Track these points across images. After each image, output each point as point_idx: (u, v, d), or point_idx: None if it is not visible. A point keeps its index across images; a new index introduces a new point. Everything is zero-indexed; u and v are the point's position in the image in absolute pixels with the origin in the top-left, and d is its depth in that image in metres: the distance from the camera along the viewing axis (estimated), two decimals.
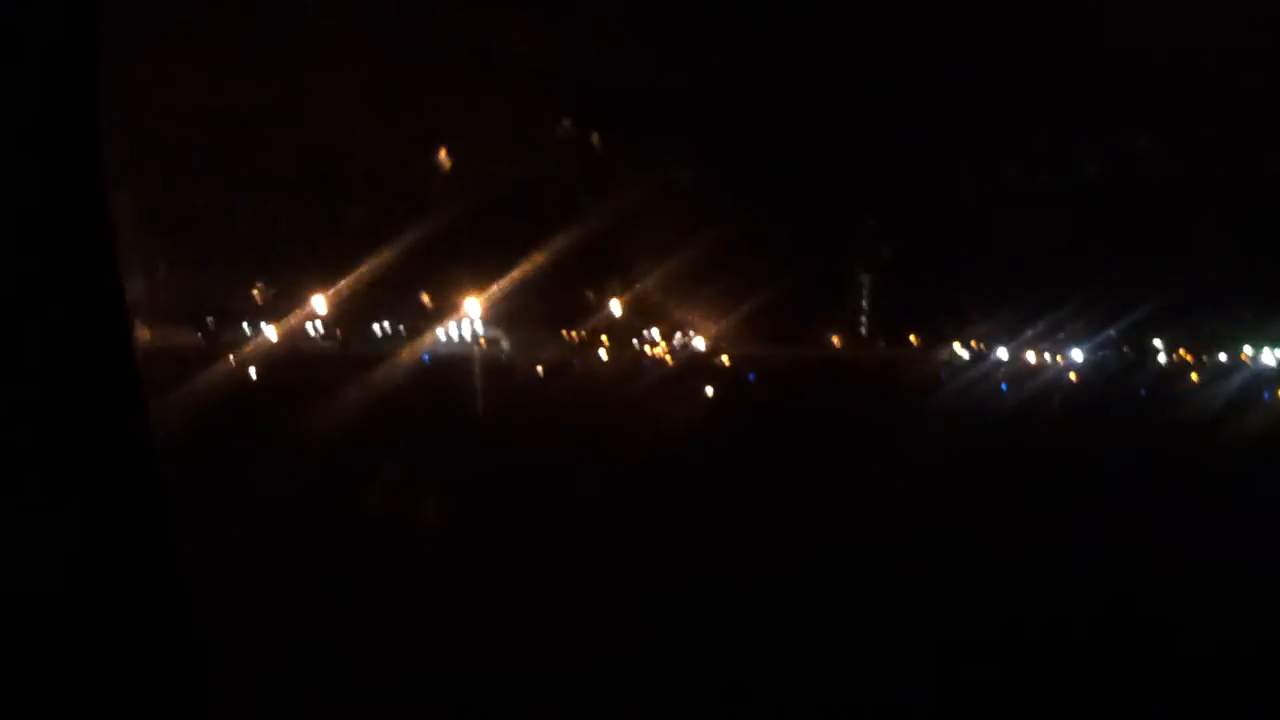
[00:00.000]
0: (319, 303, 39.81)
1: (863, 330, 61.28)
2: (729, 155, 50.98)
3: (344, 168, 41.09)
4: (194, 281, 41.03)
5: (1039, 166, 51.40)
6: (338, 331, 44.46)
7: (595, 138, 47.42)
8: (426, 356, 45.67)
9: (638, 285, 50.67)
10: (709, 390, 40.24)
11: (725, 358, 54.03)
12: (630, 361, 51.71)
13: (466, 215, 41.34)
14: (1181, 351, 55.50)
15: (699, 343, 57.60)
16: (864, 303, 60.92)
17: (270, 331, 41.18)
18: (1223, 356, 54.99)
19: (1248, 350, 54.15)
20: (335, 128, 39.58)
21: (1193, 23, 38.06)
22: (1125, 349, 54.87)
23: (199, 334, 42.73)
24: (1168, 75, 41.76)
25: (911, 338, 60.96)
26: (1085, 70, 43.49)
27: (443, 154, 43.62)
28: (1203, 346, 55.15)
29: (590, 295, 50.32)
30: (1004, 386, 45.42)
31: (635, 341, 55.32)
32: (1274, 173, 44.96)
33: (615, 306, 51.80)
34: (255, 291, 42.45)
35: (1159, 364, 54.66)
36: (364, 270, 38.99)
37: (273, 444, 19.64)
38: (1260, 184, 45.11)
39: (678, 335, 55.75)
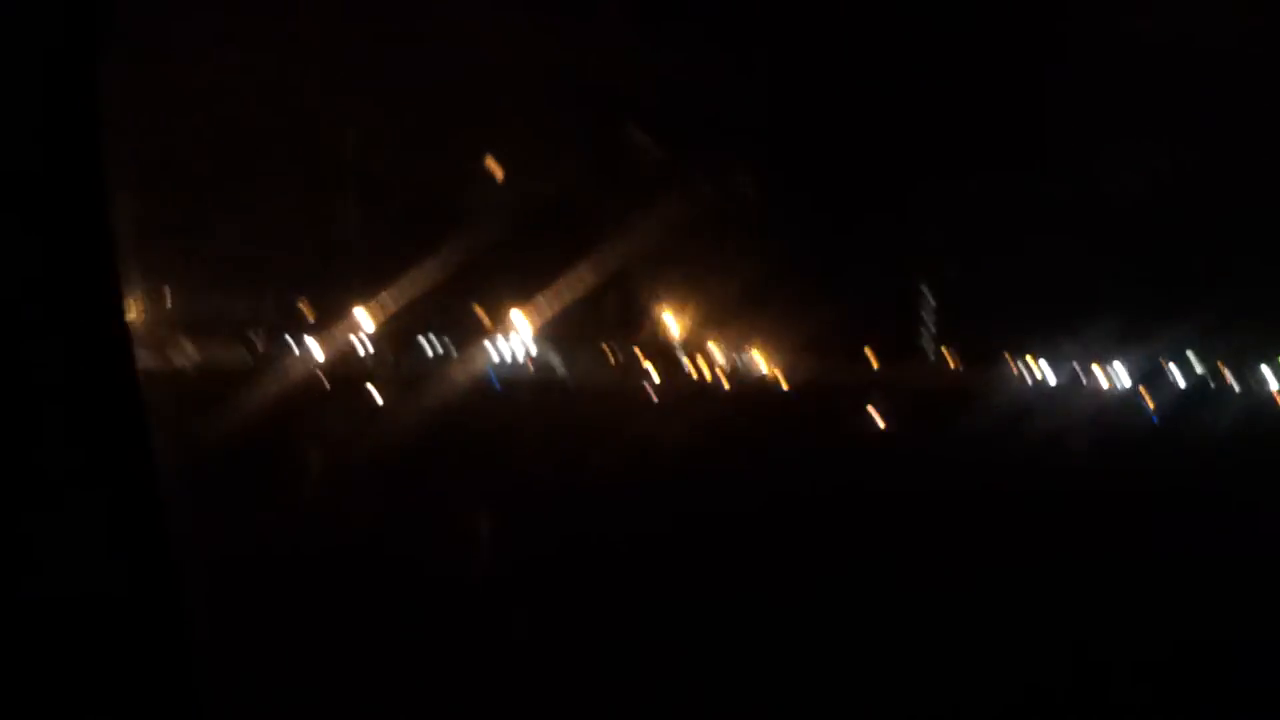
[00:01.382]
0: (364, 317, 40.21)
1: (928, 349, 61.00)
2: (787, 169, 51.06)
3: (387, 181, 41.59)
4: (238, 297, 41.73)
5: (1109, 181, 51.01)
6: (389, 350, 44.90)
7: (648, 147, 47.54)
8: (495, 381, 45.46)
9: (691, 303, 50.81)
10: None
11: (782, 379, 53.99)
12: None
13: (514, 230, 41.69)
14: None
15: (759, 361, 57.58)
16: (928, 321, 60.63)
17: (315, 347, 41.70)
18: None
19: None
20: (378, 142, 40.04)
21: (1241, 36, 37.75)
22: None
23: (245, 349, 43.35)
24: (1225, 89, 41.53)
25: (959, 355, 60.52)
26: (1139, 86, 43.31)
27: (488, 165, 43.97)
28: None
29: (643, 313, 50.48)
30: (1154, 417, 43.28)
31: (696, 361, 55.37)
32: None
33: (672, 323, 51.95)
34: (303, 306, 43.17)
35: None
36: (411, 285, 39.41)
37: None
38: None
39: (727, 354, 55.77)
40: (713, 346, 54.20)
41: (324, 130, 39.25)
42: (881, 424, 40.33)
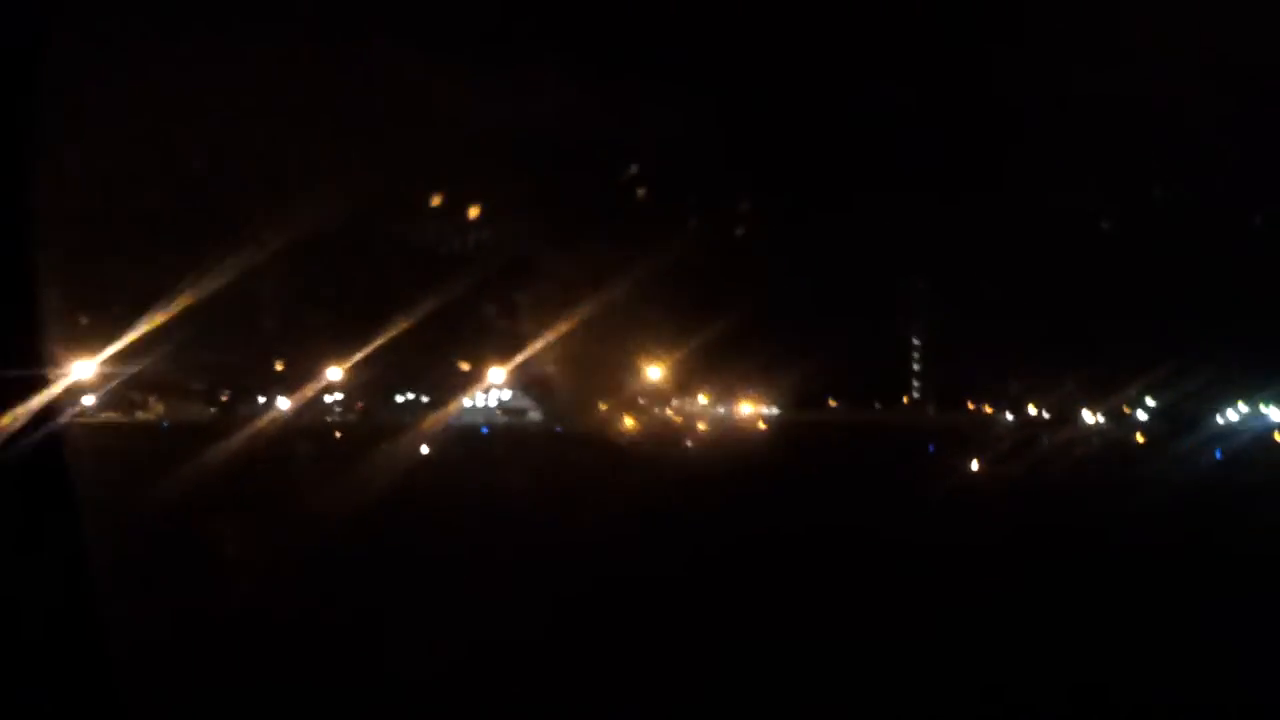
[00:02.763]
0: (335, 373, 40.86)
1: (916, 394, 61.63)
2: (774, 215, 51.76)
3: (358, 239, 42.50)
4: (210, 356, 42.38)
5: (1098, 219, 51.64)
6: (358, 404, 45.54)
7: (626, 198, 48.29)
8: (485, 429, 46.04)
9: (675, 352, 51.27)
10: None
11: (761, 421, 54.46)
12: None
13: (484, 283, 42.46)
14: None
15: (746, 408, 58.02)
16: (916, 365, 61.33)
17: (284, 402, 42.34)
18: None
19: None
20: (349, 200, 40.91)
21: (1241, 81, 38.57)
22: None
23: (211, 408, 44.06)
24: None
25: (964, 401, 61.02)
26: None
27: (468, 215, 44.80)
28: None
29: (622, 365, 51.00)
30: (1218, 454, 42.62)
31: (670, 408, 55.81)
32: None
33: (653, 373, 52.44)
34: (278, 364, 43.85)
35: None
36: (382, 339, 40.09)
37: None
38: None
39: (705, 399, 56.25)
40: (691, 394, 54.95)
41: (295, 192, 40.35)
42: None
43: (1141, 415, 56.09)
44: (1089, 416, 55.28)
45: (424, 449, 37.42)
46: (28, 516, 3.96)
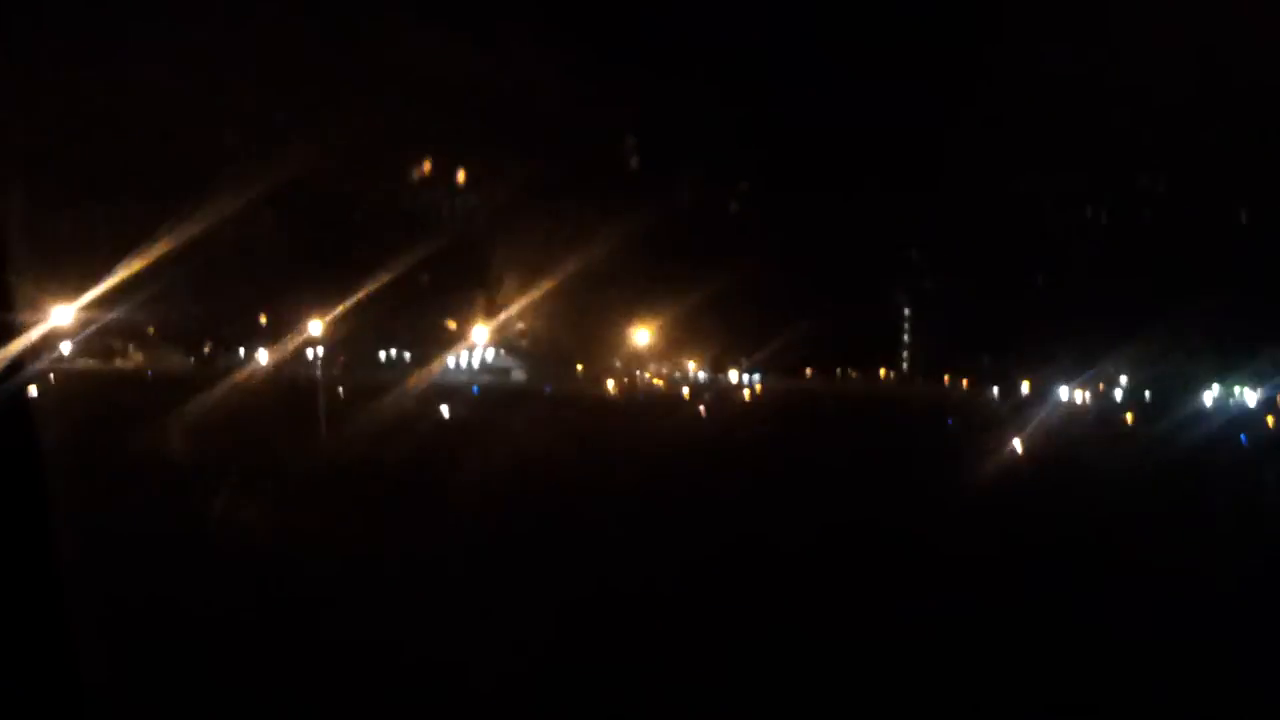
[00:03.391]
0: (317, 327, 40.76)
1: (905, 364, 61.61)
2: (764, 180, 51.68)
3: (342, 194, 42.44)
4: (192, 307, 42.38)
5: (1089, 198, 51.86)
6: (339, 359, 45.50)
7: (621, 162, 48.23)
8: (476, 389, 46.01)
9: (661, 314, 51.25)
10: None
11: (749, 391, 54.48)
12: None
13: (470, 239, 42.44)
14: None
15: (733, 375, 58.06)
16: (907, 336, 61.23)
17: (263, 355, 42.36)
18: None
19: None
20: (334, 154, 40.83)
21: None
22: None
23: (192, 359, 44.07)
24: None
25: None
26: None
27: (455, 173, 44.74)
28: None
29: (608, 328, 50.95)
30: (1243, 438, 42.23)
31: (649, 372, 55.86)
32: None
33: (641, 336, 52.41)
34: (261, 318, 43.83)
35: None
36: (365, 294, 40.08)
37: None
38: None
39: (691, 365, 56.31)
40: (677, 359, 54.98)
41: (283, 145, 40.31)
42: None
43: (1118, 394, 56.45)
44: (1070, 394, 55.43)
45: (444, 410, 37.26)
46: None
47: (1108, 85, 43.42)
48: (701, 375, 56.41)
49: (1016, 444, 34.46)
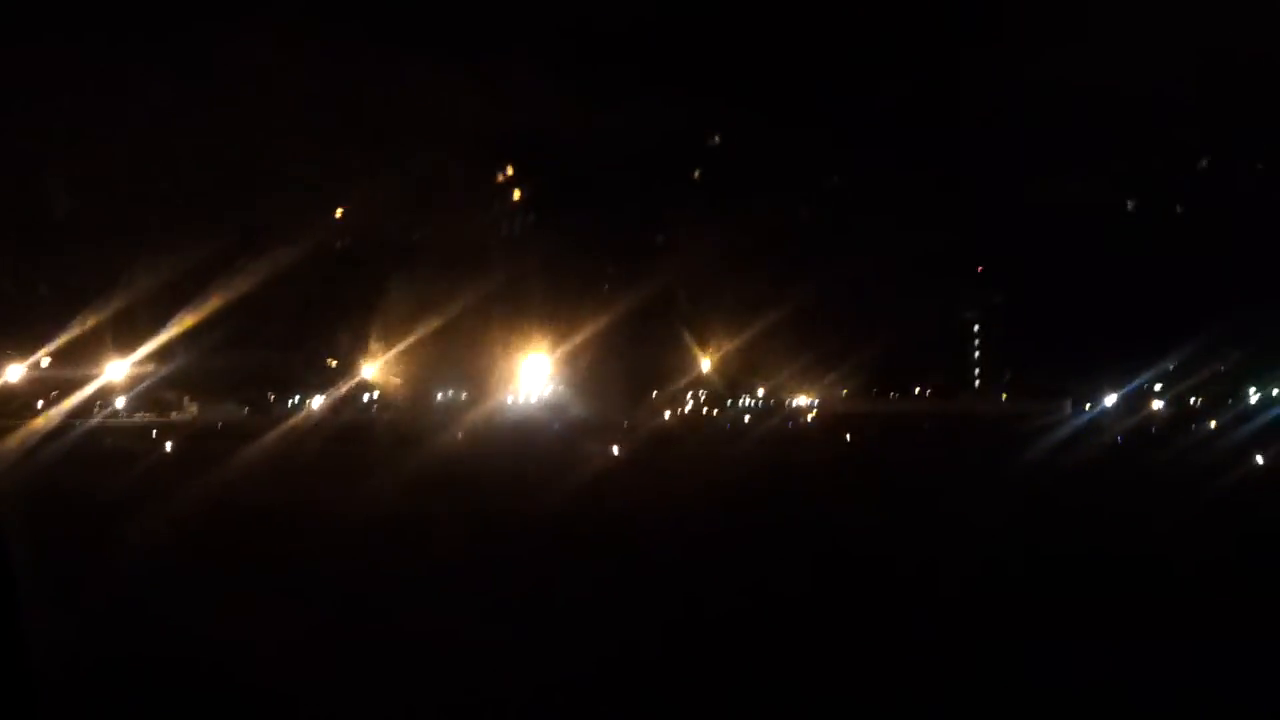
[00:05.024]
0: (371, 371, 40.96)
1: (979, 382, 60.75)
2: (830, 202, 51.63)
3: (394, 238, 42.95)
4: (238, 354, 42.64)
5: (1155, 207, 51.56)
6: (399, 401, 45.51)
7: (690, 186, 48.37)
8: (554, 425, 45.78)
9: (726, 342, 50.87)
10: None
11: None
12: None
13: (521, 278, 42.58)
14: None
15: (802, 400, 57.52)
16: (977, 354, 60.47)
17: (318, 401, 42.53)
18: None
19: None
20: (386, 201, 41.35)
21: None
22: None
23: (245, 408, 44.32)
24: None
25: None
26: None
27: (507, 207, 44.94)
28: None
29: (674, 354, 50.59)
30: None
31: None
32: None
33: (704, 364, 51.98)
34: (312, 362, 43.95)
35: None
36: (418, 338, 40.30)
37: None
38: None
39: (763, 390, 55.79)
40: (745, 386, 54.41)
41: (333, 198, 41.08)
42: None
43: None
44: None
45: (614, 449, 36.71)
46: None
47: (1171, 96, 43.30)
48: (762, 399, 55.95)
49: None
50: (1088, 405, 56.81)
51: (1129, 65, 42.56)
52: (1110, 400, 55.55)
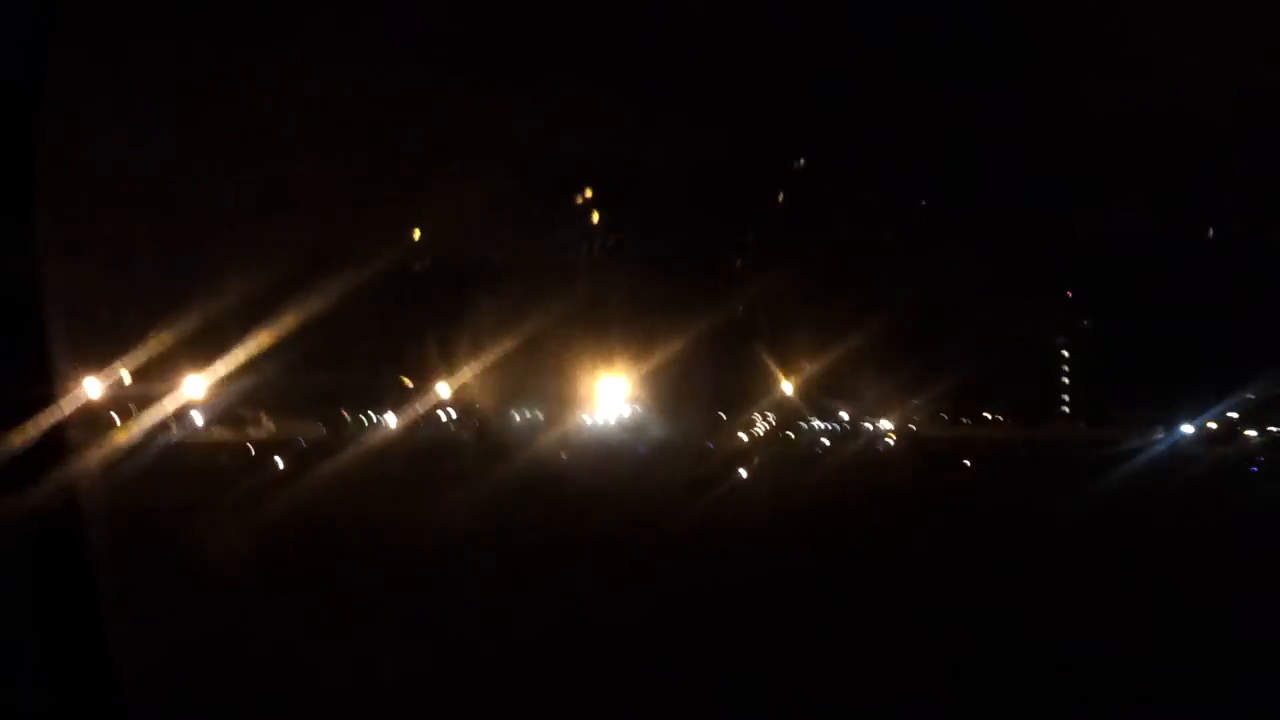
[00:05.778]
0: (446, 390, 41.04)
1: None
2: (917, 225, 51.43)
3: (473, 260, 43.26)
4: (314, 372, 42.88)
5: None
6: (476, 420, 45.59)
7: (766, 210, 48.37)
8: (641, 447, 45.73)
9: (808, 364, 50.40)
10: None
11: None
12: None
13: (599, 297, 42.61)
14: None
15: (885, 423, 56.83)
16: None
17: (391, 419, 42.67)
18: None
19: None
20: (466, 222, 41.68)
21: None
22: None
23: (323, 425, 44.53)
24: None
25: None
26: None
27: (586, 227, 44.97)
28: None
29: (754, 377, 50.23)
30: None
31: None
32: None
33: (786, 387, 51.50)
34: (386, 380, 44.17)
35: None
36: (495, 356, 40.30)
37: None
38: None
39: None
40: (828, 406, 53.79)
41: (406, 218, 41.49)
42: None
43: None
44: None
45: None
46: None
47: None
48: (847, 422, 55.26)
49: None
50: (1181, 429, 55.72)
51: (1218, 93, 42.27)
52: (1200, 426, 54.43)
